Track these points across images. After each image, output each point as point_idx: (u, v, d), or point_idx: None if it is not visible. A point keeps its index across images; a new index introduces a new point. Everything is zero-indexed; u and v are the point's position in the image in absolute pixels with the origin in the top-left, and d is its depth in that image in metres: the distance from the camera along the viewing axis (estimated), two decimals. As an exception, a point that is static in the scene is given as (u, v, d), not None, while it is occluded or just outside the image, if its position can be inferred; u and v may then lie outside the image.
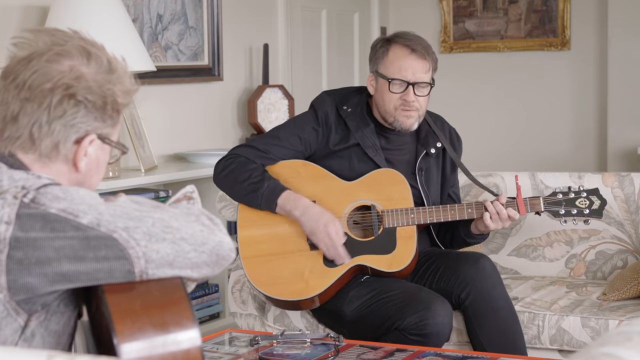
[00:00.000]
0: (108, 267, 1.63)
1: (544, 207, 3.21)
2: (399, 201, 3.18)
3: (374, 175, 3.22)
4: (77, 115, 1.70)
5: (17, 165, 1.70)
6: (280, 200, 3.14)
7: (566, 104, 6.10)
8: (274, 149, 3.24)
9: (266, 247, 3.19)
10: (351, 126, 3.25)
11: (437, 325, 2.97)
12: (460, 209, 3.18)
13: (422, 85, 3.21)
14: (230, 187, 3.22)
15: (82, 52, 1.72)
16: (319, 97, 3.34)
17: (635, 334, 1.31)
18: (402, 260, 3.15)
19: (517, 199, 3.18)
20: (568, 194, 3.24)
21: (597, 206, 3.23)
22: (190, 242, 1.69)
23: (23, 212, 1.61)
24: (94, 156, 1.75)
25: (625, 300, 3.34)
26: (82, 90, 1.69)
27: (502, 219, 3.16)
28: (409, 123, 3.23)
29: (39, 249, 1.60)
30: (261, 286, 3.17)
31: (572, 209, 3.23)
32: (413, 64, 3.20)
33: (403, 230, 3.17)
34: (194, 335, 1.64)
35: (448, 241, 3.38)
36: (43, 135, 1.70)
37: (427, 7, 6.42)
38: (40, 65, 1.70)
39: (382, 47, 3.26)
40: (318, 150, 3.28)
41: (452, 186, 3.41)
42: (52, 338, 1.69)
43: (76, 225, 1.61)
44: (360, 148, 3.25)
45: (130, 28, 3.92)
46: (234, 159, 3.22)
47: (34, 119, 1.69)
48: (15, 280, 1.60)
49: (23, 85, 1.69)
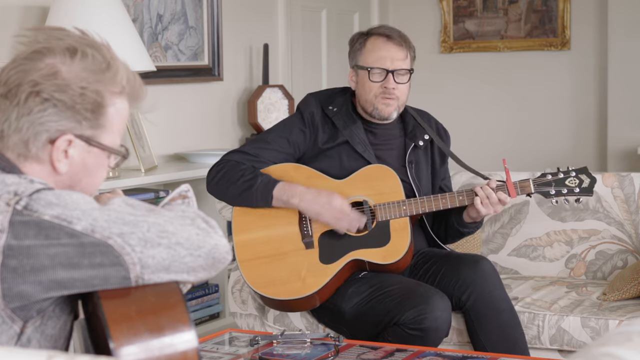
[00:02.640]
0: (103, 274, 1.61)
1: (534, 189, 3.21)
2: (390, 195, 3.20)
3: (364, 171, 3.24)
4: (45, 114, 1.66)
5: (8, 168, 1.67)
6: (276, 192, 3.15)
7: (566, 104, 6.10)
8: (264, 152, 3.26)
9: (262, 250, 3.20)
10: (339, 124, 3.27)
11: (436, 320, 2.98)
12: (451, 197, 3.20)
13: (401, 72, 3.24)
14: (224, 190, 3.22)
15: (67, 49, 1.68)
16: (303, 100, 3.37)
17: (635, 334, 1.31)
18: (397, 252, 3.17)
19: (506, 182, 3.18)
20: (557, 174, 3.24)
21: (587, 184, 3.23)
22: (186, 247, 1.67)
23: (16, 220, 1.58)
24: (78, 159, 1.70)
25: (625, 300, 3.34)
26: (49, 87, 1.65)
27: (492, 203, 3.16)
28: (387, 111, 3.25)
29: (33, 257, 1.57)
30: (260, 288, 3.18)
31: (562, 189, 3.23)
32: (391, 51, 3.23)
33: (396, 222, 3.19)
34: (191, 337, 1.64)
35: (442, 234, 3.38)
36: (12, 132, 1.67)
37: (427, 7, 6.42)
38: (20, 63, 1.67)
39: (358, 40, 3.31)
40: (307, 151, 3.30)
41: (443, 179, 3.43)
42: (49, 343, 1.67)
43: (70, 232, 1.59)
44: (349, 145, 3.26)
45: (130, 28, 3.92)
46: (225, 164, 3.25)
47: (6, 115, 1.67)
48: (10, 288, 1.58)
49: (1, 82, 1.68)
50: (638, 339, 1.29)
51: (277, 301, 3.21)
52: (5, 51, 3.92)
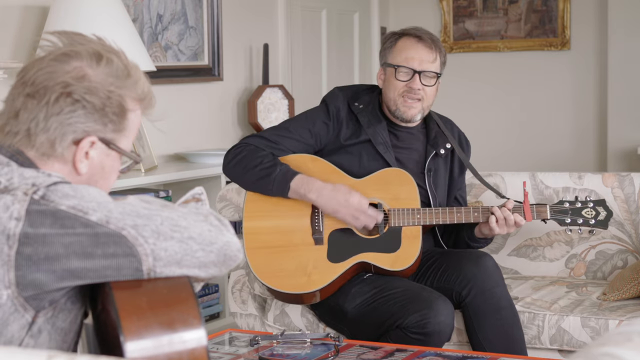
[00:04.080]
0: (116, 264, 1.64)
1: (550, 215, 3.22)
2: (406, 201, 3.18)
3: (382, 173, 3.22)
4: (74, 115, 1.70)
5: (27, 164, 1.71)
6: (294, 184, 3.13)
7: (566, 104, 6.10)
8: (284, 140, 3.23)
9: (271, 239, 3.18)
10: (363, 122, 3.26)
11: (439, 324, 2.97)
12: (466, 212, 3.19)
13: (429, 74, 3.22)
14: (240, 175, 3.19)
15: (93, 54, 1.73)
16: (331, 93, 3.34)
17: (635, 334, 1.31)
18: (405, 260, 3.16)
19: (524, 205, 3.18)
20: (575, 204, 3.25)
21: (603, 217, 3.25)
22: (198, 242, 1.70)
23: (33, 209, 1.62)
24: (97, 160, 1.75)
25: (625, 300, 3.34)
26: (80, 89, 1.70)
27: (508, 225, 3.17)
28: (410, 114, 3.24)
29: (48, 245, 1.61)
30: (264, 278, 3.17)
31: (578, 219, 3.24)
32: (420, 52, 3.22)
33: (408, 230, 3.17)
34: (201, 334, 1.64)
35: (451, 243, 3.39)
36: (39, 131, 1.71)
37: (427, 7, 6.42)
38: (47, 64, 1.72)
39: (390, 39, 3.29)
40: (328, 145, 3.28)
41: (459, 189, 3.42)
42: (59, 335, 1.69)
43: (85, 222, 1.62)
44: (371, 144, 3.25)
45: (130, 28, 3.92)
46: (244, 147, 3.22)
47: (33, 114, 1.71)
48: (24, 276, 1.61)
49: (28, 82, 1.72)
50: (638, 339, 1.29)
51: (279, 293, 3.20)
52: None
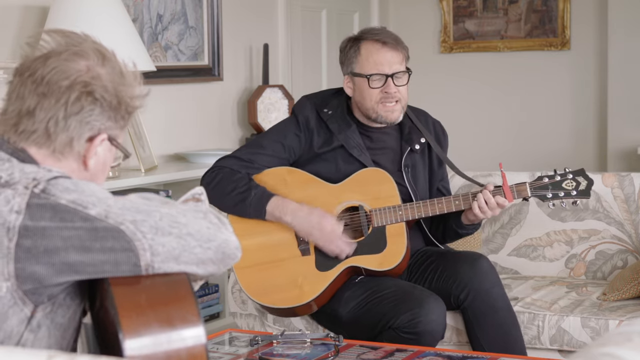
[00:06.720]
0: (114, 259, 1.65)
1: (531, 192, 3.20)
2: (386, 199, 3.18)
3: (359, 175, 3.21)
4: (93, 113, 1.73)
5: (28, 160, 1.73)
6: (269, 207, 3.14)
7: (566, 104, 6.10)
8: (258, 157, 3.24)
9: (258, 256, 3.19)
10: (333, 128, 3.25)
11: (430, 323, 2.97)
12: (447, 202, 3.18)
13: (400, 75, 3.21)
14: (218, 200, 3.20)
15: (97, 53, 1.76)
16: (298, 102, 3.34)
17: (635, 334, 1.31)
18: (393, 258, 3.16)
19: (503, 186, 3.17)
20: (554, 177, 3.22)
21: (584, 186, 3.21)
22: (196, 238, 1.71)
23: (33, 202, 1.64)
24: (102, 156, 1.79)
25: (625, 300, 3.34)
26: (99, 88, 1.73)
27: (491, 208, 3.16)
28: (393, 117, 3.23)
29: (47, 238, 1.62)
30: (256, 296, 3.17)
31: (559, 192, 3.21)
32: (387, 56, 3.20)
33: (392, 228, 3.17)
34: (199, 332, 1.64)
35: (440, 235, 3.37)
36: (59, 131, 1.73)
37: (427, 7, 6.42)
38: (59, 63, 1.73)
39: (351, 47, 3.25)
40: (303, 155, 3.27)
41: (440, 180, 3.40)
42: (58, 331, 1.70)
43: (85, 216, 1.64)
44: (344, 150, 3.24)
45: (130, 28, 3.92)
46: (218, 171, 3.22)
47: (51, 114, 1.72)
48: (23, 268, 1.62)
49: (41, 80, 1.72)
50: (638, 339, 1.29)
51: (274, 309, 3.21)
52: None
